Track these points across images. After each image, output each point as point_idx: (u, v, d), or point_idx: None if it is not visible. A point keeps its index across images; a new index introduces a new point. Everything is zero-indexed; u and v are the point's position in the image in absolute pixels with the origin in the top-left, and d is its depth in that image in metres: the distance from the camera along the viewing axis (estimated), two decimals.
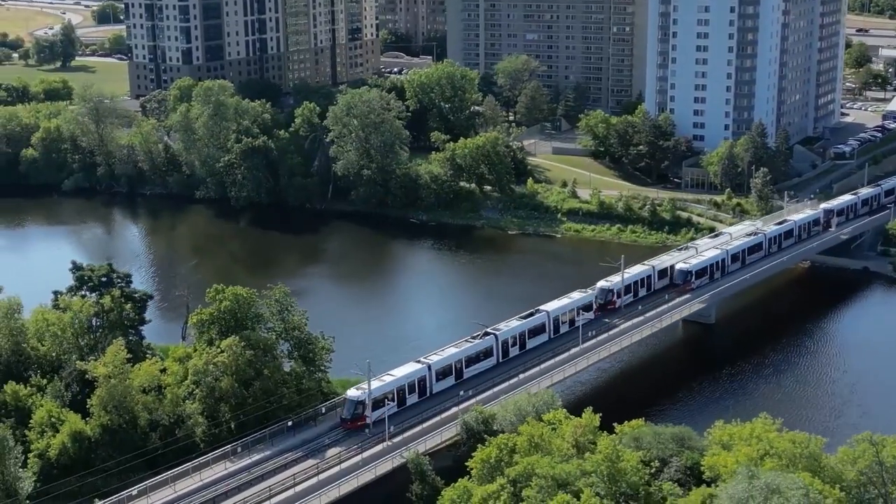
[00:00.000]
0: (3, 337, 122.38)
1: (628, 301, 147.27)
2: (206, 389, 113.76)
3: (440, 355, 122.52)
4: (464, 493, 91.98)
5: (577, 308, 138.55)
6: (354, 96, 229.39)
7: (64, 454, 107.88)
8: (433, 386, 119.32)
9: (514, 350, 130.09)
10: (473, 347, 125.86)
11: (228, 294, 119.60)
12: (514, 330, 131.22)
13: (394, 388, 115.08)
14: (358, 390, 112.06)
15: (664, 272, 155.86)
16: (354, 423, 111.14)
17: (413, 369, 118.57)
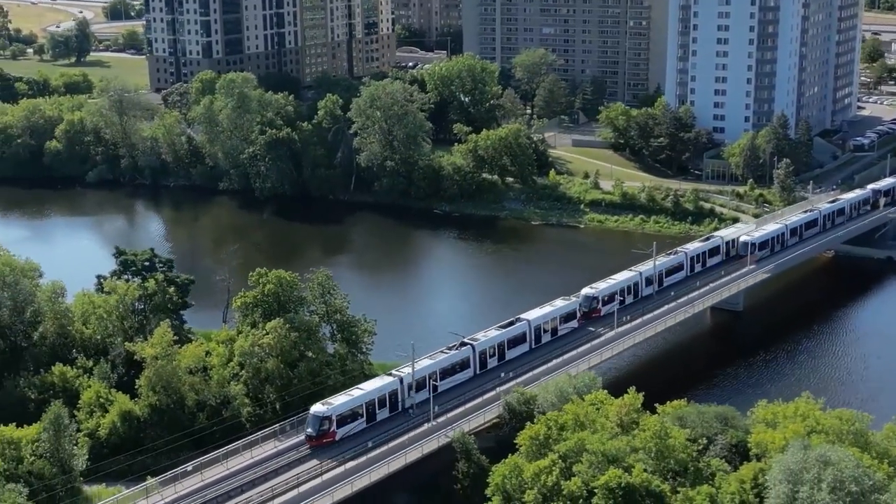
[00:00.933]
0: (48, 320, 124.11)
1: (614, 309, 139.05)
2: (252, 371, 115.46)
3: (413, 367, 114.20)
4: (514, 469, 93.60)
5: (559, 316, 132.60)
6: (378, 88, 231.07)
7: (114, 433, 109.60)
8: (405, 400, 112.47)
9: (493, 361, 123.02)
10: (449, 359, 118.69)
11: (272, 277, 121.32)
12: (493, 340, 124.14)
13: (362, 403, 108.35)
14: (324, 405, 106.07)
15: (650, 280, 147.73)
16: (320, 440, 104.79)
17: (384, 382, 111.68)
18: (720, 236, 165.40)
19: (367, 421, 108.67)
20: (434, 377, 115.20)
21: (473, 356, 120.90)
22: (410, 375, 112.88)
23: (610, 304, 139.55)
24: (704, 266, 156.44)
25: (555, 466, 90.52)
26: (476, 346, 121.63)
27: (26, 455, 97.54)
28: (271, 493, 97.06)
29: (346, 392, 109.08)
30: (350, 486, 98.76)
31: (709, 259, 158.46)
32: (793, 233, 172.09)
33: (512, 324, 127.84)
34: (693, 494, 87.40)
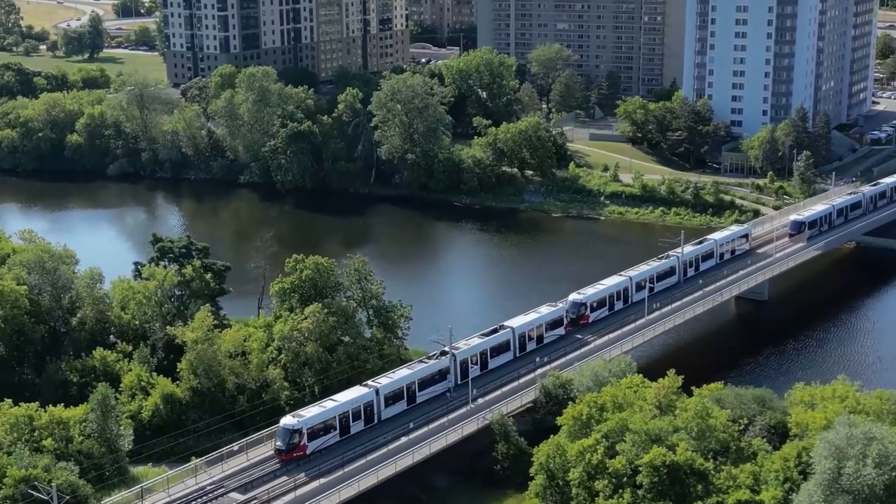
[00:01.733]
0: (87, 306, 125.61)
1: (603, 315, 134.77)
2: (291, 355, 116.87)
3: (390, 378, 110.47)
4: (557, 448, 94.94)
5: (545, 323, 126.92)
6: (399, 81, 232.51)
7: (156, 416, 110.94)
8: (381, 412, 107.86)
9: (475, 370, 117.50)
10: (428, 369, 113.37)
11: (309, 263, 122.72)
12: (475, 349, 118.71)
13: (335, 415, 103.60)
14: (294, 418, 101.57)
15: (641, 284, 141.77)
16: (290, 454, 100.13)
17: (359, 394, 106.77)
18: (714, 239, 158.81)
19: (341, 434, 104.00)
20: (412, 388, 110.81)
21: (454, 366, 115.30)
22: (387, 386, 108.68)
23: (599, 311, 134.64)
24: (698, 270, 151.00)
25: (598, 445, 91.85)
26: (457, 355, 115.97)
27: (75, 435, 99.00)
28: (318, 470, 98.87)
29: (318, 403, 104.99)
30: (394, 466, 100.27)
31: (702, 263, 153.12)
32: (839, 213, 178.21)
33: (495, 331, 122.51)
34: (736, 473, 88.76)
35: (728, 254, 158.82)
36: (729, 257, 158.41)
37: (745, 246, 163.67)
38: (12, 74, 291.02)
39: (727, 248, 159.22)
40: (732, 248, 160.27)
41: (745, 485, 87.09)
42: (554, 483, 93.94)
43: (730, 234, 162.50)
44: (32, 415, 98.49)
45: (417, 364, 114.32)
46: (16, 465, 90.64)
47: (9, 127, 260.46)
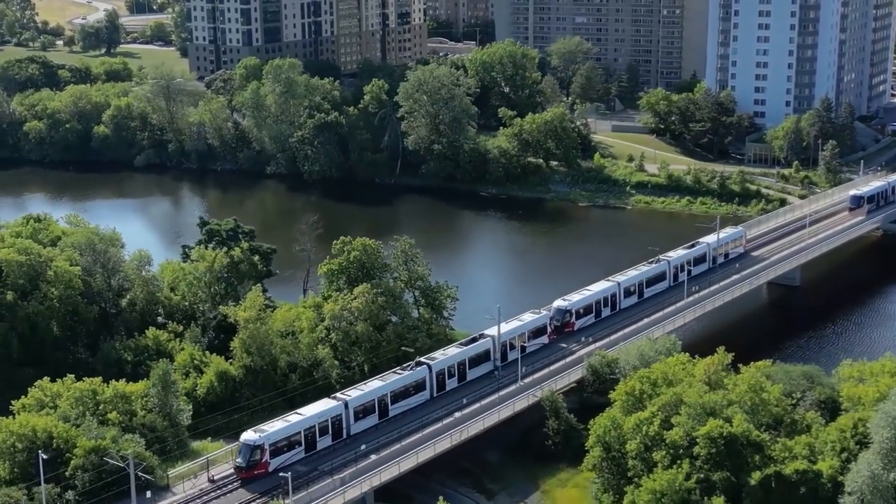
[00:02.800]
0: (137, 287, 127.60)
1: (589, 323, 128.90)
2: (341, 334, 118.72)
3: (360, 390, 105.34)
4: (612, 421, 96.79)
5: (527, 332, 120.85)
6: (425, 72, 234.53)
7: (211, 392, 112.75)
8: (350, 427, 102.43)
9: (452, 382, 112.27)
10: (402, 380, 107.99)
11: (356, 245, 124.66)
12: (452, 359, 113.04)
13: (300, 430, 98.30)
14: (255, 433, 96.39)
15: (630, 290, 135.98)
16: (251, 471, 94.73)
17: (326, 407, 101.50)
18: (706, 242, 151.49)
19: (307, 450, 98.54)
20: (384, 401, 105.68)
21: (430, 377, 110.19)
22: (357, 399, 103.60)
23: (585, 318, 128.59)
24: (689, 275, 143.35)
25: (655, 418, 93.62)
26: (433, 365, 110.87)
27: (137, 409, 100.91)
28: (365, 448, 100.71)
29: (282, 417, 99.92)
30: (449, 440, 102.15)
31: (694, 267, 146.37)
32: (894, 190, 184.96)
33: (474, 340, 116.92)
34: (791, 444, 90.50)
35: (721, 257, 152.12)
36: (723, 261, 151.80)
37: (740, 249, 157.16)
38: (36, 67, 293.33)
39: (721, 251, 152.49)
40: (726, 251, 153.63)
41: (802, 455, 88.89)
42: (610, 455, 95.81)
43: (723, 236, 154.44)
44: (96, 389, 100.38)
45: (391, 375, 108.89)
46: (85, 437, 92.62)
47: (36, 118, 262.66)
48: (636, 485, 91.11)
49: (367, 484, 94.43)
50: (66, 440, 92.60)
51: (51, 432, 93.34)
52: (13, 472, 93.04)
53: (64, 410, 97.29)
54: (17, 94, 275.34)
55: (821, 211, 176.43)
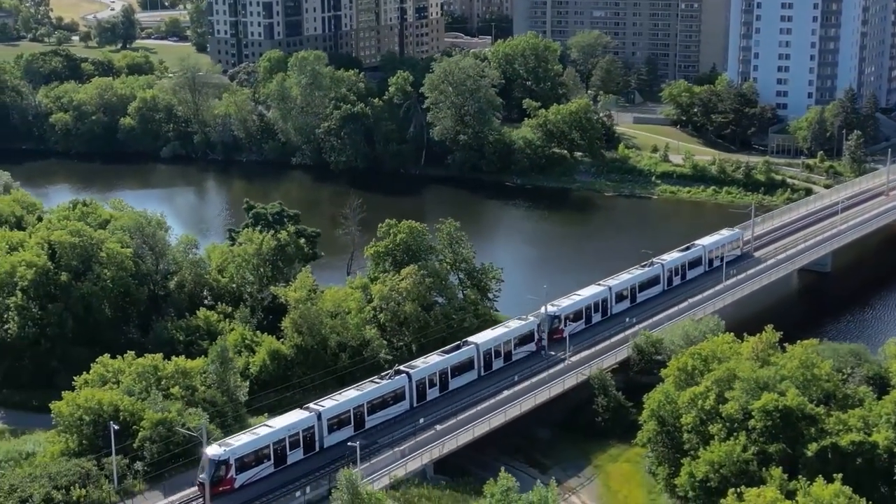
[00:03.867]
0: (185, 269, 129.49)
1: (579, 329, 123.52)
2: (390, 314, 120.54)
3: (335, 400, 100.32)
4: (666, 396, 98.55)
5: (513, 339, 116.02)
6: (451, 63, 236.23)
7: (264, 371, 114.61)
8: (324, 439, 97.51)
9: (433, 392, 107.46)
10: (379, 390, 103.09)
11: (403, 227, 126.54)
12: (432, 368, 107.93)
13: (269, 444, 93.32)
14: (221, 446, 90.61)
15: (622, 295, 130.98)
16: (215, 487, 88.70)
17: (297, 419, 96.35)
18: (702, 245, 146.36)
19: (276, 464, 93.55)
20: (359, 412, 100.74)
21: (409, 387, 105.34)
22: (330, 410, 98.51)
23: (575, 324, 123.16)
24: (684, 279, 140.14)
25: (709, 392, 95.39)
26: (413, 374, 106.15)
27: (198, 384, 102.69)
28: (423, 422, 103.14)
29: (250, 430, 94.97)
30: (503, 415, 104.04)
31: (689, 271, 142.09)
32: None
33: (458, 348, 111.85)
34: (845, 417, 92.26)
35: (718, 260, 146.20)
36: (719, 264, 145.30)
37: (737, 251, 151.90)
38: (60, 60, 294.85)
39: (717, 253, 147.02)
40: (722, 253, 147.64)
41: (857, 427, 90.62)
42: (665, 429, 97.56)
43: (720, 238, 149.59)
44: (157, 365, 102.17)
45: (368, 385, 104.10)
46: (151, 409, 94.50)
47: (61, 111, 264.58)
48: (693, 457, 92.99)
49: (428, 456, 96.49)
50: (131, 413, 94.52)
51: (117, 406, 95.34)
52: (81, 443, 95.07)
53: (127, 385, 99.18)
54: (41, 86, 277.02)
55: (848, 200, 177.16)
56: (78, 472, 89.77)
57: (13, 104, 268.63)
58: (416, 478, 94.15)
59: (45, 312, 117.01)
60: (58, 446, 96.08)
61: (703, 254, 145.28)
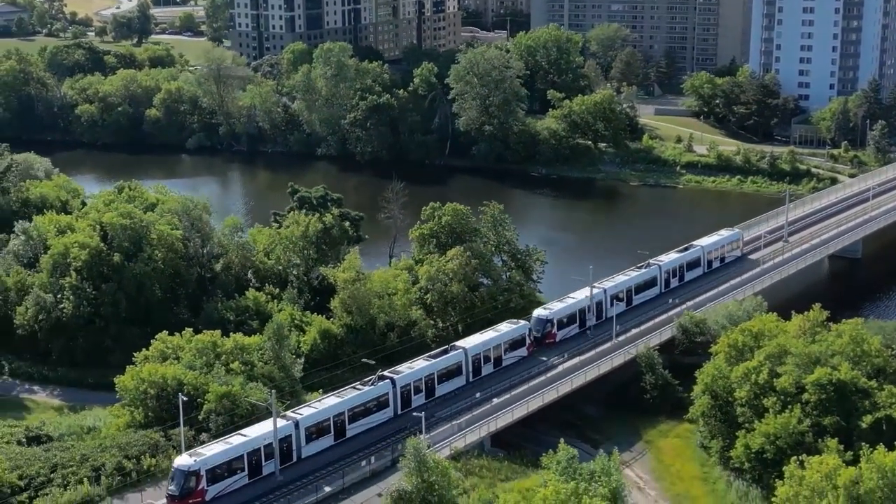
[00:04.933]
0: (232, 252, 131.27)
1: (573, 333, 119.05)
2: (437, 294, 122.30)
3: (314, 408, 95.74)
4: (717, 371, 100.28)
5: (503, 343, 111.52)
6: (476, 55, 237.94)
7: (315, 349, 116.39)
8: (302, 449, 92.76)
9: (419, 398, 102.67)
10: (361, 397, 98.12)
11: (447, 210, 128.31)
12: (418, 373, 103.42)
13: (244, 454, 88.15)
14: (191, 457, 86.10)
15: (617, 297, 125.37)
16: (184, 500, 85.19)
17: (279, 425, 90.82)
18: (701, 246, 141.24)
19: (251, 475, 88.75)
20: (339, 420, 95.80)
21: (394, 393, 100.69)
22: (309, 418, 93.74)
23: (568, 328, 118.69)
24: (682, 281, 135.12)
25: (763, 367, 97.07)
26: (397, 380, 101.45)
27: (255, 360, 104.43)
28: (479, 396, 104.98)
29: (223, 439, 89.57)
30: (555, 391, 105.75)
31: (687, 272, 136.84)
32: None
33: (445, 352, 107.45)
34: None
35: (717, 261, 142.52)
36: (718, 265, 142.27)
37: (737, 252, 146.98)
38: (83, 53, 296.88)
39: (716, 254, 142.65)
40: (722, 254, 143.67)
41: None
42: (717, 403, 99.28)
43: (719, 239, 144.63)
44: (216, 341, 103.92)
45: (349, 391, 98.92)
46: (216, 383, 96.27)
47: (87, 102, 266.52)
48: (747, 429, 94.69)
49: (485, 429, 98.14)
50: (195, 387, 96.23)
51: (180, 380, 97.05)
52: (147, 416, 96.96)
53: (188, 361, 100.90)
54: (66, 78, 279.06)
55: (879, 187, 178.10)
56: (147, 443, 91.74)
57: (38, 96, 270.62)
58: (475, 450, 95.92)
59: (99, 292, 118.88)
60: (123, 419, 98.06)
61: (701, 255, 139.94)
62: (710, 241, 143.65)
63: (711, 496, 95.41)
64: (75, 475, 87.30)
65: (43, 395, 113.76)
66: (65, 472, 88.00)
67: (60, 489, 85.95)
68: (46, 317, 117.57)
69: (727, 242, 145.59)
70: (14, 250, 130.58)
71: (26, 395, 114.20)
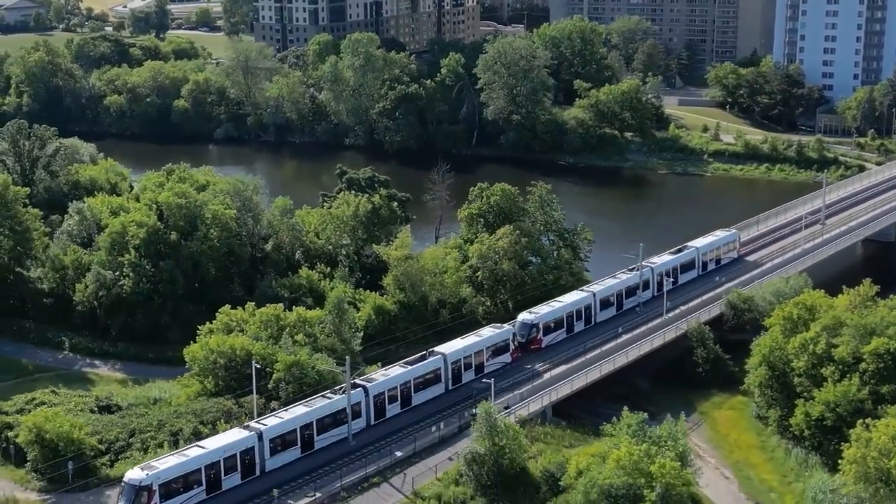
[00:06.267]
0: (283, 232, 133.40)
1: (560, 338, 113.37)
2: (487, 272, 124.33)
3: (279, 418, 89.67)
4: (774, 342, 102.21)
5: (486, 349, 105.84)
6: (504, 44, 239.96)
7: (370, 325, 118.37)
8: (265, 462, 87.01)
9: (394, 408, 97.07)
10: (330, 406, 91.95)
11: (496, 190, 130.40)
12: (392, 381, 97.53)
13: (201, 467, 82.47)
14: (144, 470, 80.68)
15: (608, 302, 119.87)
16: None
17: (235, 439, 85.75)
18: (695, 247, 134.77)
19: (209, 490, 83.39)
20: (307, 431, 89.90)
21: (366, 403, 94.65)
22: (273, 429, 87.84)
23: (555, 333, 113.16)
24: (676, 283, 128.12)
25: (820, 338, 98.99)
26: (370, 388, 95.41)
27: (318, 333, 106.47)
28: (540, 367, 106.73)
29: (180, 451, 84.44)
30: (612, 363, 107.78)
31: (681, 275, 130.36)
32: None
33: (423, 358, 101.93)
34: None
35: (712, 263, 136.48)
36: (713, 267, 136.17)
37: (734, 254, 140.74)
38: (109, 45, 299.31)
39: (711, 256, 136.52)
40: (717, 256, 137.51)
41: None
42: (775, 374, 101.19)
43: (714, 240, 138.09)
44: (280, 314, 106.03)
45: (318, 400, 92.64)
46: (284, 352, 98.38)
47: (115, 93, 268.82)
48: (806, 398, 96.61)
49: (547, 398, 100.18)
50: (263, 357, 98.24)
51: (248, 350, 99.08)
52: (217, 385, 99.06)
53: (254, 332, 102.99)
54: (93, 70, 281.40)
55: None
56: (220, 410, 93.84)
57: (66, 87, 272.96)
58: (538, 418, 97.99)
59: (157, 270, 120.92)
60: (193, 388, 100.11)
61: (696, 256, 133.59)
62: (705, 242, 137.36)
63: (770, 463, 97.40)
64: (154, 440, 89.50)
65: (105, 370, 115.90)
66: (143, 436, 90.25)
67: (140, 452, 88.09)
68: (107, 293, 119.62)
69: (723, 243, 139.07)
70: (68, 230, 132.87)
71: (88, 369, 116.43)
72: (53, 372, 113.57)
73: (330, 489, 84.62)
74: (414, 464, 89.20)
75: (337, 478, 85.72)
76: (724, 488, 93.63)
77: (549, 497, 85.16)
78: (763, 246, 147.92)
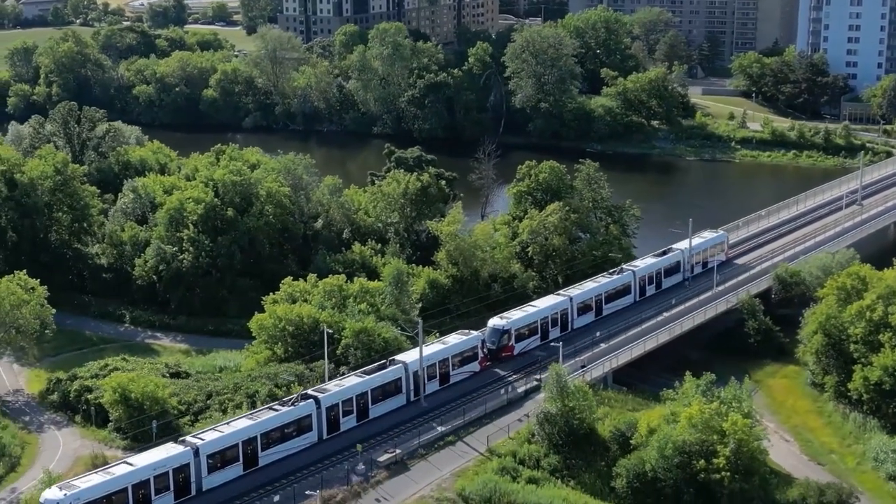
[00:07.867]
0: (334, 209, 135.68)
1: (534, 345, 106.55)
2: (538, 247, 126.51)
3: (220, 432, 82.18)
4: (828, 310, 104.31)
5: (451, 357, 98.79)
6: (532, 33, 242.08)
7: (424, 298, 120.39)
8: (203, 480, 79.92)
9: (349, 421, 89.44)
10: (277, 419, 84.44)
11: (544, 167, 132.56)
12: (348, 392, 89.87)
13: (126, 486, 75.01)
14: (62, 489, 73.30)
15: (586, 307, 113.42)
16: None
17: (167, 454, 78.44)
18: (680, 249, 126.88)
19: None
20: (251, 445, 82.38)
21: (318, 415, 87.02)
22: (211, 444, 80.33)
23: (528, 340, 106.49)
24: (659, 288, 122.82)
25: (876, 305, 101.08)
26: (322, 399, 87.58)
27: (378, 303, 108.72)
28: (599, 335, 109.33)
29: (105, 469, 77.39)
30: (668, 332, 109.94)
31: (665, 279, 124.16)
32: None
33: (383, 367, 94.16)
34: None
35: (699, 266, 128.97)
36: (700, 270, 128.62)
37: (722, 256, 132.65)
38: (135, 36, 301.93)
39: (698, 259, 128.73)
40: (704, 258, 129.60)
41: None
42: (831, 341, 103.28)
43: (701, 242, 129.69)
44: (342, 285, 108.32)
45: (266, 412, 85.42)
46: (352, 320, 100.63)
47: (143, 83, 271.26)
48: (863, 364, 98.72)
49: (609, 364, 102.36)
50: (330, 324, 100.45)
51: (315, 318, 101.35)
52: (287, 350, 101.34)
53: (319, 302, 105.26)
54: (121, 61, 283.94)
55: None
56: (293, 373, 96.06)
57: (95, 77, 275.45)
58: (600, 384, 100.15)
59: (215, 245, 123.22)
60: (263, 354, 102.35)
61: (681, 259, 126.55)
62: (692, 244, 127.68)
63: (829, 427, 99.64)
64: (232, 401, 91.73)
65: (167, 341, 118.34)
66: (220, 398, 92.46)
67: (219, 413, 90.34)
68: (167, 268, 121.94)
69: (711, 245, 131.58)
70: (123, 208, 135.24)
71: (151, 340, 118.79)
72: (118, 343, 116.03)
73: None
74: (485, 424, 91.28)
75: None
76: (785, 450, 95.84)
77: (620, 455, 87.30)
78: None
